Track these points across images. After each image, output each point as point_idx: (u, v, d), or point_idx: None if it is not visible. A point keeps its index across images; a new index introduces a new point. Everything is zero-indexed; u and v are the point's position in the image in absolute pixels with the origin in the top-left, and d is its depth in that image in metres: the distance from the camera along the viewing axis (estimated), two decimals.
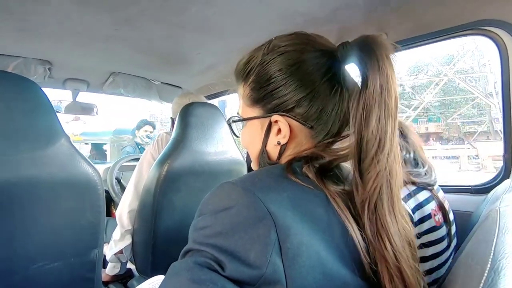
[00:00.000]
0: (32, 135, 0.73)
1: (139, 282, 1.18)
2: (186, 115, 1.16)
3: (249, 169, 1.63)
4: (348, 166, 0.46)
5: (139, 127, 3.02)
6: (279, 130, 0.44)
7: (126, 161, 1.89)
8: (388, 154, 0.37)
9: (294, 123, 0.43)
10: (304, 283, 0.32)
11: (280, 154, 0.45)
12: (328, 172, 0.41)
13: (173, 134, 1.16)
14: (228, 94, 1.77)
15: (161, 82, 1.72)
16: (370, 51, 0.38)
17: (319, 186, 0.38)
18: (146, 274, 1.14)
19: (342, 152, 0.41)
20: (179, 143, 1.13)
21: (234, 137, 0.56)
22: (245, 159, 1.39)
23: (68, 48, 1.20)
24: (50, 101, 0.78)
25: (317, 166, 0.40)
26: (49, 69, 1.36)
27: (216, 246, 0.32)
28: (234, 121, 0.52)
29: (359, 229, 0.37)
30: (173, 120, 1.37)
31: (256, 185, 0.36)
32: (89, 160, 0.82)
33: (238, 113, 0.51)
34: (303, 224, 0.34)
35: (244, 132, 0.50)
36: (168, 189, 1.08)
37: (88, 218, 0.83)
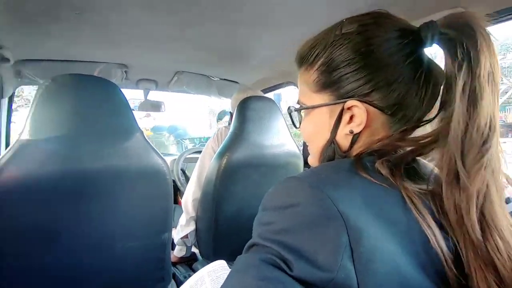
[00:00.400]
0: (114, 131, 0.83)
1: (203, 265, 1.28)
2: (243, 109, 1.20)
3: (306, 162, 1.61)
4: (425, 162, 0.41)
5: (221, 117, 3.18)
6: (351, 118, 0.40)
7: (190, 154, 2.04)
8: (496, 144, 0.32)
9: (371, 109, 0.39)
10: None
11: (352, 144, 0.41)
12: (405, 165, 0.37)
13: (232, 128, 1.21)
14: (285, 86, 1.77)
15: (220, 79, 1.80)
16: (470, 29, 0.33)
17: (394, 184, 0.34)
18: (209, 258, 1.22)
19: (426, 140, 0.36)
20: (237, 137, 1.17)
21: (294, 128, 0.52)
22: (302, 152, 1.38)
23: (140, 52, 1.34)
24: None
25: (392, 161, 0.36)
26: (125, 71, 1.53)
27: (282, 244, 0.31)
28: (297, 110, 0.48)
29: (444, 236, 0.32)
30: (231, 114, 1.42)
31: (324, 181, 0.34)
32: (159, 152, 0.91)
33: (298, 102, 0.47)
34: (378, 226, 0.31)
35: (308, 122, 0.46)
36: (227, 181, 1.14)
37: (159, 205, 0.93)
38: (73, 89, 0.79)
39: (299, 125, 0.48)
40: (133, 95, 2.00)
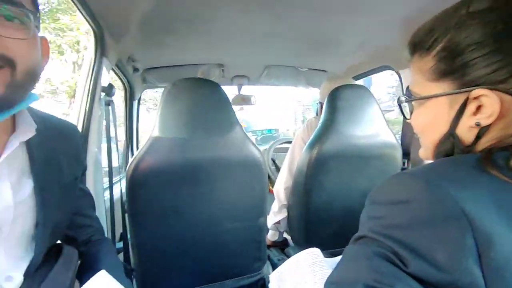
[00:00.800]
0: (219, 125, 0.96)
1: (294, 251, 1.35)
2: (334, 99, 1.17)
3: (405, 154, 1.46)
4: None
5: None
6: (478, 109, 0.36)
7: (279, 144, 2.13)
8: None
9: (507, 98, 0.34)
10: None
11: (478, 138, 0.37)
12: None
13: (322, 118, 1.20)
14: (378, 72, 1.63)
15: (308, 69, 1.79)
16: None
17: None
18: (300, 244, 1.28)
19: None
20: (328, 127, 1.16)
21: (404, 119, 0.50)
22: (400, 142, 1.26)
23: (235, 51, 1.46)
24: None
25: None
26: (222, 70, 1.70)
27: (396, 239, 0.30)
28: (408, 101, 0.44)
29: None
30: (321, 104, 1.41)
31: (444, 177, 0.31)
32: (256, 144, 0.99)
33: (410, 92, 0.44)
34: None
35: (421, 113, 0.42)
36: (317, 171, 1.15)
37: (256, 191, 1.02)
38: (187, 91, 0.94)
39: (409, 116, 0.45)
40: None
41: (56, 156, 0.57)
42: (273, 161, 2.12)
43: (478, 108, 0.36)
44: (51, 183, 0.55)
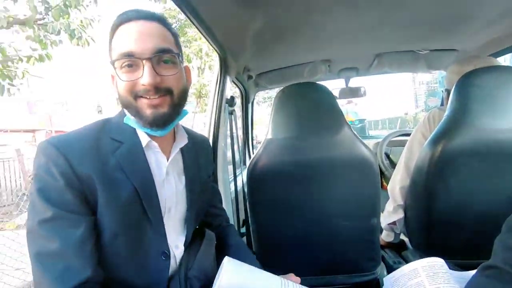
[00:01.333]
0: (328, 126, 0.99)
1: (413, 256, 1.24)
2: (465, 85, 1.00)
3: None
4: None
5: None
6: None
7: (395, 137, 1.95)
8: None
9: None
10: None
11: None
12: None
13: (448, 109, 1.05)
14: None
15: (430, 50, 1.56)
16: None
17: None
18: (420, 249, 1.17)
19: None
20: (457, 120, 1.00)
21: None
22: None
23: (341, 45, 1.43)
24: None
25: None
26: (328, 66, 1.69)
27: None
28: None
29: None
30: (448, 92, 1.22)
31: None
32: (366, 144, 0.97)
33: None
34: None
35: None
36: (442, 171, 1.02)
37: (367, 191, 1.00)
38: (295, 96, 1.01)
39: None
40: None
41: (197, 160, 0.76)
42: (387, 155, 1.96)
43: None
44: (195, 179, 0.73)
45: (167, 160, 0.66)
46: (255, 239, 1.12)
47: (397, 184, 1.25)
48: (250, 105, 2.06)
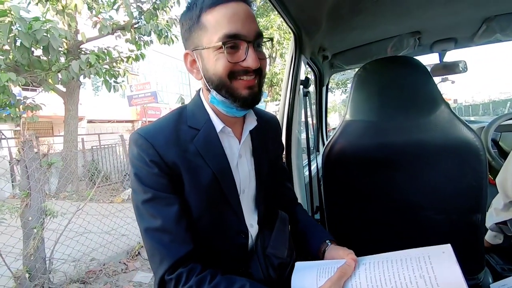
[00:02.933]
0: (417, 105, 0.86)
1: None
2: None
3: None
4: None
5: None
6: None
7: (506, 120, 1.58)
8: None
9: None
10: None
11: None
12: None
13: None
14: None
15: None
16: None
17: None
18: None
19: None
20: None
21: None
22: None
23: (435, 13, 1.22)
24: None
25: None
26: (418, 38, 1.47)
27: None
28: None
29: None
30: None
31: None
32: (470, 126, 0.81)
33: None
34: None
35: None
36: None
37: (469, 182, 0.85)
38: (378, 73, 0.91)
39: None
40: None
41: (266, 141, 0.76)
42: (495, 142, 1.61)
43: None
44: (263, 160, 0.74)
45: (239, 143, 0.68)
46: (329, 227, 1.08)
47: (509, 177, 1.02)
48: (324, 88, 1.96)
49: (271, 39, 0.62)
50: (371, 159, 0.91)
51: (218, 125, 0.65)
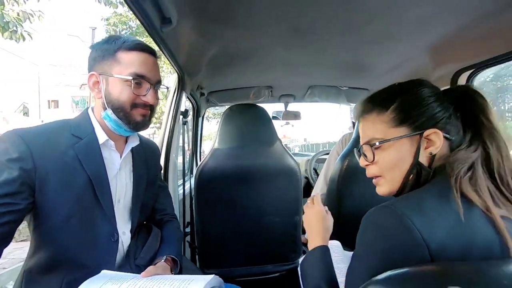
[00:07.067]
0: (262, 140, 1.24)
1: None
2: None
3: None
4: None
5: None
6: (429, 142, 0.53)
7: (321, 155, 2.32)
8: None
9: (443, 135, 0.53)
10: None
11: (430, 163, 0.53)
12: None
13: (354, 134, 1.39)
14: None
15: (349, 87, 1.97)
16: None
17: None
18: (332, 239, 1.46)
19: None
20: (358, 143, 1.34)
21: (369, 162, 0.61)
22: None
23: (282, 75, 1.73)
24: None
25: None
26: (271, 91, 1.99)
27: None
28: (374, 145, 0.57)
29: None
30: (353, 123, 1.58)
31: (412, 211, 0.46)
32: (292, 156, 1.24)
33: (370, 139, 0.58)
34: None
35: (389, 154, 0.56)
36: (348, 181, 1.33)
37: (292, 194, 1.26)
38: (240, 114, 1.24)
39: (373, 159, 0.58)
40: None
41: (146, 160, 0.89)
42: (315, 170, 2.31)
43: (429, 142, 0.53)
44: (142, 176, 0.86)
45: (121, 157, 0.80)
46: (199, 236, 1.28)
47: (318, 191, 1.54)
48: (200, 119, 2.23)
49: (167, 87, 0.83)
50: (232, 178, 1.21)
51: (102, 137, 0.75)
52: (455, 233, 0.42)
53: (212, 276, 0.66)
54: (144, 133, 0.97)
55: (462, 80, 1.38)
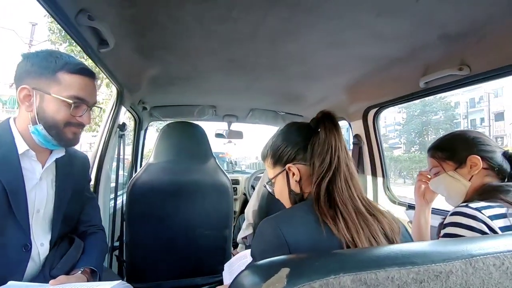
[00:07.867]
0: (198, 156, 1.31)
1: None
2: None
3: None
4: None
5: None
6: (293, 174, 0.69)
7: (260, 173, 2.47)
8: None
9: (299, 165, 0.70)
10: None
11: (300, 188, 0.70)
12: None
13: None
14: (340, 120, 2.00)
15: (285, 112, 2.18)
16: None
17: None
18: None
19: None
20: None
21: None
22: None
23: (225, 97, 1.84)
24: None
25: None
26: (214, 110, 2.09)
27: None
28: (269, 182, 0.76)
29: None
30: None
31: (282, 221, 0.60)
32: (225, 173, 1.34)
33: (269, 179, 0.77)
34: None
35: (276, 186, 0.75)
36: (275, 198, 1.48)
37: (223, 209, 1.35)
38: (177, 131, 1.31)
39: (272, 191, 0.77)
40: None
41: (73, 171, 0.90)
42: (253, 187, 2.45)
43: (293, 174, 0.69)
44: (66, 188, 0.86)
45: (42, 167, 0.80)
46: (128, 250, 1.28)
47: (251, 208, 1.66)
48: (142, 132, 2.22)
49: (101, 108, 0.88)
50: (165, 192, 1.25)
51: (22, 147, 0.75)
52: (309, 235, 0.58)
53: (119, 281, 0.70)
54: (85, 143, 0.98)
55: (370, 115, 1.67)
